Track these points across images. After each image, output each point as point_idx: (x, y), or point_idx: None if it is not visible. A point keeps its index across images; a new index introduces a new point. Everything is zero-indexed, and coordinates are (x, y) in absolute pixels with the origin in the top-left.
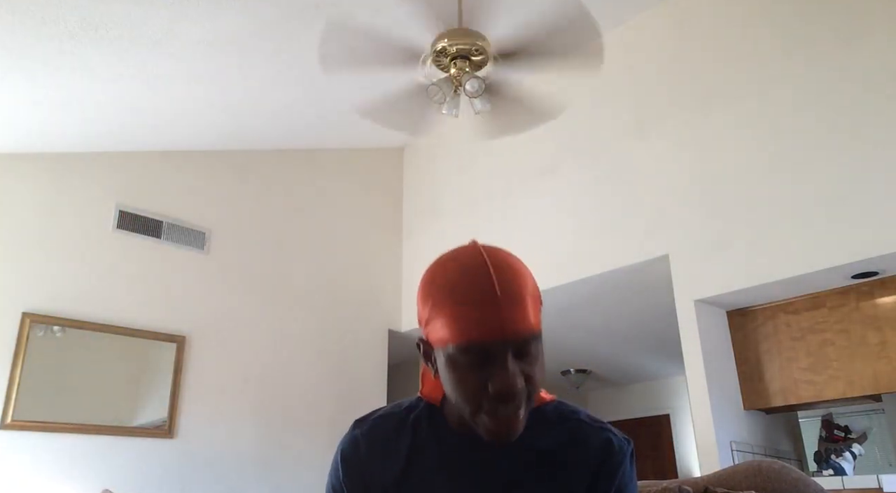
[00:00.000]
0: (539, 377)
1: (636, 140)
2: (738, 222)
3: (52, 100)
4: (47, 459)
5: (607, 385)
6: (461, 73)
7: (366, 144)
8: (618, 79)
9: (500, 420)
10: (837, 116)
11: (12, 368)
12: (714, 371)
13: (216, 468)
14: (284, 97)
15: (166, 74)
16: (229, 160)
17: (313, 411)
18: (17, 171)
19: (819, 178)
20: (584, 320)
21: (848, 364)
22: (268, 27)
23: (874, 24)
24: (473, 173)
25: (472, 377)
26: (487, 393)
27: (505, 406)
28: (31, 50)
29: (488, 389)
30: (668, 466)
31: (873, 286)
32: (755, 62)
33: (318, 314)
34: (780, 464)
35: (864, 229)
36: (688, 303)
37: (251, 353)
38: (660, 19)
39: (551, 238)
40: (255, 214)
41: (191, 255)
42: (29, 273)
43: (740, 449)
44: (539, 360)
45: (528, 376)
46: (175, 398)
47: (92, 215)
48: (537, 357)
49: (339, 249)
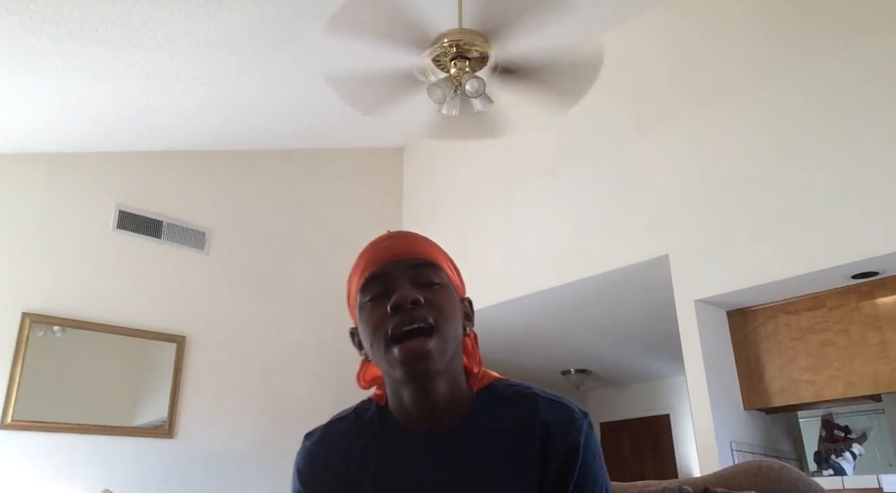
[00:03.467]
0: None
1: (636, 140)
2: (738, 222)
3: (52, 100)
4: (47, 459)
5: (607, 385)
6: (461, 73)
7: (366, 144)
8: (618, 79)
9: (409, 345)
10: (837, 115)
11: (12, 368)
12: (714, 371)
13: (216, 468)
14: (284, 97)
15: (166, 74)
16: (229, 160)
17: (313, 410)
18: (17, 171)
19: (819, 178)
20: (584, 320)
21: (848, 364)
22: (268, 27)
23: (874, 24)
24: (474, 173)
25: (377, 311)
26: (389, 317)
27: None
28: (31, 50)
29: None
30: (668, 466)
31: (873, 286)
32: (755, 62)
33: (318, 314)
34: (780, 464)
35: (864, 229)
36: (688, 303)
37: (251, 353)
38: (660, 19)
39: (551, 238)
40: (255, 214)
41: (191, 255)
42: (29, 273)
43: (740, 449)
44: (446, 296)
45: (430, 301)
46: (175, 398)
47: (92, 215)
48: (442, 291)
49: (340, 249)
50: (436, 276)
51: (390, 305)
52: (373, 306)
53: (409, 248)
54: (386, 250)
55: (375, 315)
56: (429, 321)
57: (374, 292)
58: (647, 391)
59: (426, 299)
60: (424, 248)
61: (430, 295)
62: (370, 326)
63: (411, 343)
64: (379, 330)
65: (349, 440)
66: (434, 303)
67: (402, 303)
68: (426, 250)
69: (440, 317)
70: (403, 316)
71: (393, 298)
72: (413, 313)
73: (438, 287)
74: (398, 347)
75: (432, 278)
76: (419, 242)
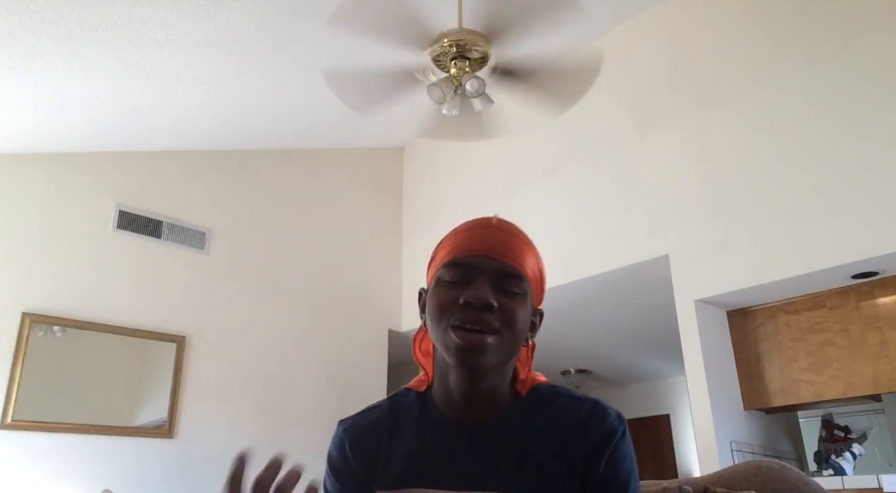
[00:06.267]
0: (519, 320)
1: (636, 140)
2: (738, 222)
3: (52, 100)
4: (47, 459)
5: (607, 385)
6: (461, 73)
7: (366, 144)
8: (618, 79)
9: (469, 336)
10: (837, 115)
11: (12, 368)
12: (714, 371)
13: (216, 467)
14: (284, 97)
15: (166, 74)
16: (229, 160)
17: (313, 410)
18: (17, 171)
19: (819, 178)
20: (584, 319)
21: (848, 364)
22: (268, 27)
23: (874, 24)
24: (474, 173)
25: (450, 293)
26: (459, 307)
27: (474, 319)
28: (31, 50)
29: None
30: (668, 466)
31: (873, 286)
32: (755, 62)
33: (317, 314)
34: (781, 464)
35: (864, 229)
36: (688, 303)
37: (251, 353)
38: (660, 19)
39: (551, 238)
40: (255, 214)
41: (191, 255)
42: (29, 273)
43: (740, 449)
44: (520, 305)
45: (503, 307)
46: (175, 398)
47: (92, 215)
48: (518, 300)
49: (339, 249)
50: (517, 286)
51: (464, 298)
52: (449, 287)
53: (504, 251)
54: (482, 242)
55: (447, 297)
56: (493, 326)
57: (454, 276)
58: (646, 391)
59: (499, 304)
60: (518, 255)
61: (505, 301)
62: (439, 305)
63: (472, 336)
64: (445, 313)
65: (383, 425)
66: (506, 309)
67: (475, 301)
68: (520, 258)
69: (506, 324)
70: (472, 314)
71: (469, 292)
72: (482, 314)
73: (517, 297)
74: (458, 334)
75: (513, 287)
76: (518, 245)
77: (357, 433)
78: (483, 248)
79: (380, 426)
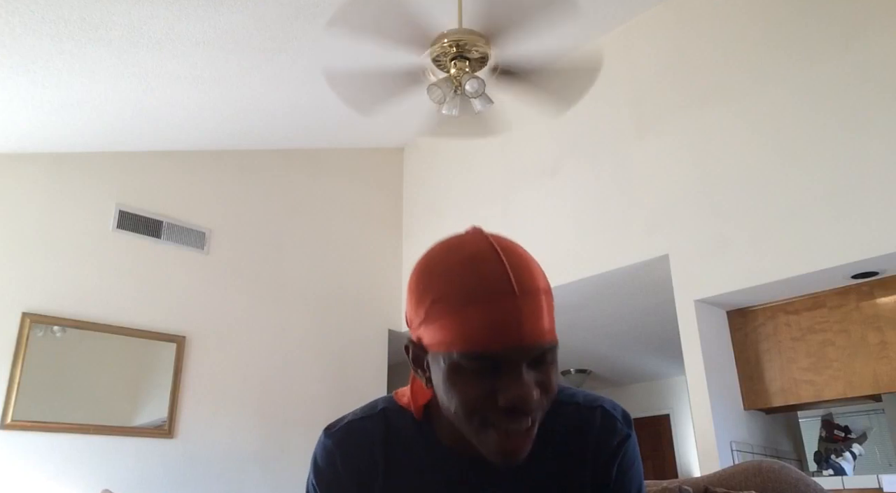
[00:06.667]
0: (555, 387)
1: (636, 140)
2: (738, 222)
3: (52, 100)
4: (47, 459)
5: (607, 385)
6: (461, 73)
7: (366, 144)
8: (618, 79)
9: (511, 438)
10: (837, 115)
11: (12, 368)
12: (714, 371)
13: (216, 467)
14: (284, 97)
15: (166, 74)
16: (229, 160)
17: (313, 410)
18: (17, 171)
19: (819, 177)
20: (584, 320)
21: (848, 364)
22: (268, 27)
23: (874, 24)
24: (474, 173)
25: (479, 388)
26: (496, 406)
27: (517, 422)
28: (31, 50)
29: (497, 401)
30: (668, 466)
31: (873, 286)
32: (755, 62)
33: (317, 314)
34: (781, 464)
35: (864, 229)
36: (688, 303)
37: (251, 353)
38: (660, 19)
39: (551, 238)
40: (255, 214)
41: (191, 255)
42: (29, 273)
43: (740, 449)
44: (555, 368)
45: (543, 386)
46: (175, 398)
47: (92, 215)
48: (553, 364)
49: (340, 249)
50: (552, 355)
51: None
52: (475, 378)
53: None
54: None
55: (477, 394)
56: (536, 417)
57: (482, 368)
58: (647, 391)
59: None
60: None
61: (544, 379)
62: (463, 400)
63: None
64: (476, 411)
65: (378, 445)
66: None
67: (519, 408)
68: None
69: (549, 400)
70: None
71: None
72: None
73: (552, 364)
74: (499, 435)
75: (549, 358)
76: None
77: (349, 447)
78: (514, 337)
79: (375, 443)
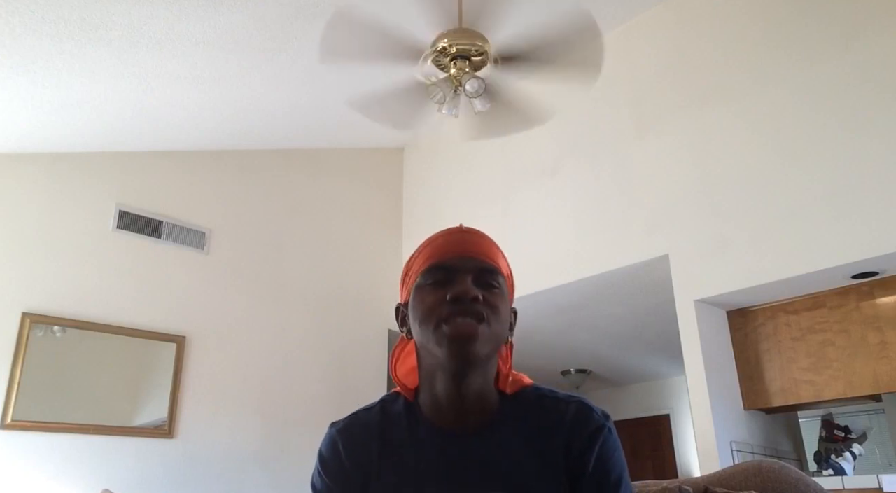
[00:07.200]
0: (502, 311)
1: (636, 140)
2: (738, 222)
3: (52, 100)
4: (47, 459)
5: (607, 385)
6: (461, 73)
7: (366, 144)
8: (618, 79)
9: (460, 325)
10: (837, 115)
11: (12, 368)
12: (714, 371)
13: (216, 467)
14: (285, 97)
15: (166, 74)
16: (229, 160)
17: (313, 410)
18: (17, 171)
19: (819, 177)
20: (584, 320)
21: (848, 364)
22: (268, 27)
23: (874, 24)
24: (473, 173)
25: (434, 295)
26: (447, 303)
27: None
28: (31, 50)
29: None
30: (668, 466)
31: (873, 286)
32: (755, 62)
33: (317, 314)
34: (781, 464)
35: (864, 229)
36: (688, 303)
37: (251, 353)
38: (660, 19)
39: (551, 238)
40: (255, 214)
41: (191, 255)
42: (29, 273)
43: (740, 449)
44: (501, 299)
45: (487, 299)
46: (175, 398)
47: (92, 215)
48: (498, 294)
49: (339, 249)
50: (496, 281)
51: (451, 294)
52: (433, 289)
53: (480, 250)
54: (457, 245)
55: (433, 298)
56: (481, 315)
57: (436, 278)
58: (646, 391)
59: (484, 298)
60: (493, 253)
61: (488, 295)
62: (425, 305)
63: (463, 324)
64: (433, 312)
65: (374, 431)
66: (490, 302)
67: (462, 296)
68: (494, 256)
69: (492, 315)
70: (460, 307)
71: (455, 289)
72: (470, 306)
73: (497, 291)
74: (448, 325)
75: (493, 282)
76: (490, 246)
77: (349, 435)
78: (460, 250)
79: (371, 429)
